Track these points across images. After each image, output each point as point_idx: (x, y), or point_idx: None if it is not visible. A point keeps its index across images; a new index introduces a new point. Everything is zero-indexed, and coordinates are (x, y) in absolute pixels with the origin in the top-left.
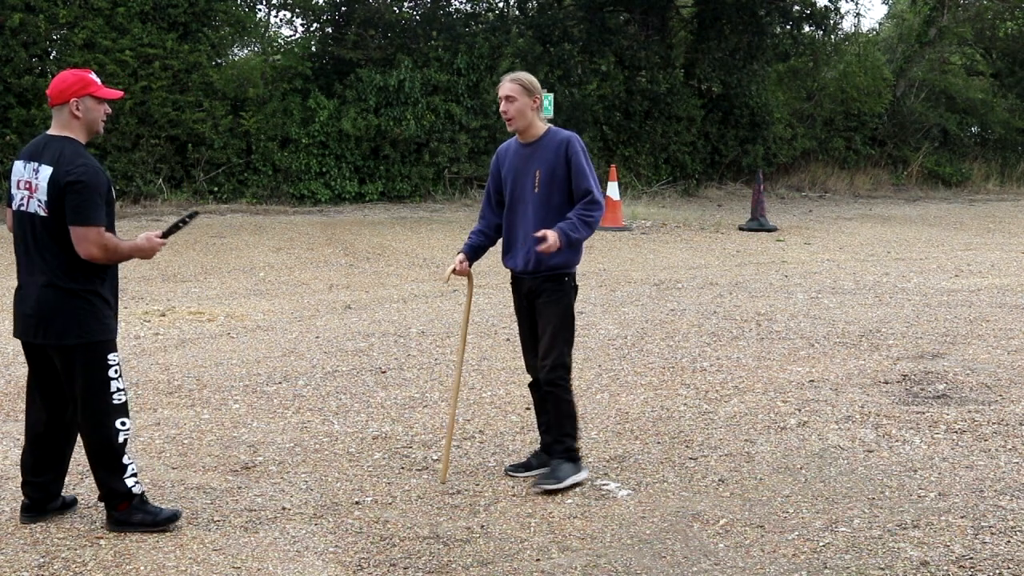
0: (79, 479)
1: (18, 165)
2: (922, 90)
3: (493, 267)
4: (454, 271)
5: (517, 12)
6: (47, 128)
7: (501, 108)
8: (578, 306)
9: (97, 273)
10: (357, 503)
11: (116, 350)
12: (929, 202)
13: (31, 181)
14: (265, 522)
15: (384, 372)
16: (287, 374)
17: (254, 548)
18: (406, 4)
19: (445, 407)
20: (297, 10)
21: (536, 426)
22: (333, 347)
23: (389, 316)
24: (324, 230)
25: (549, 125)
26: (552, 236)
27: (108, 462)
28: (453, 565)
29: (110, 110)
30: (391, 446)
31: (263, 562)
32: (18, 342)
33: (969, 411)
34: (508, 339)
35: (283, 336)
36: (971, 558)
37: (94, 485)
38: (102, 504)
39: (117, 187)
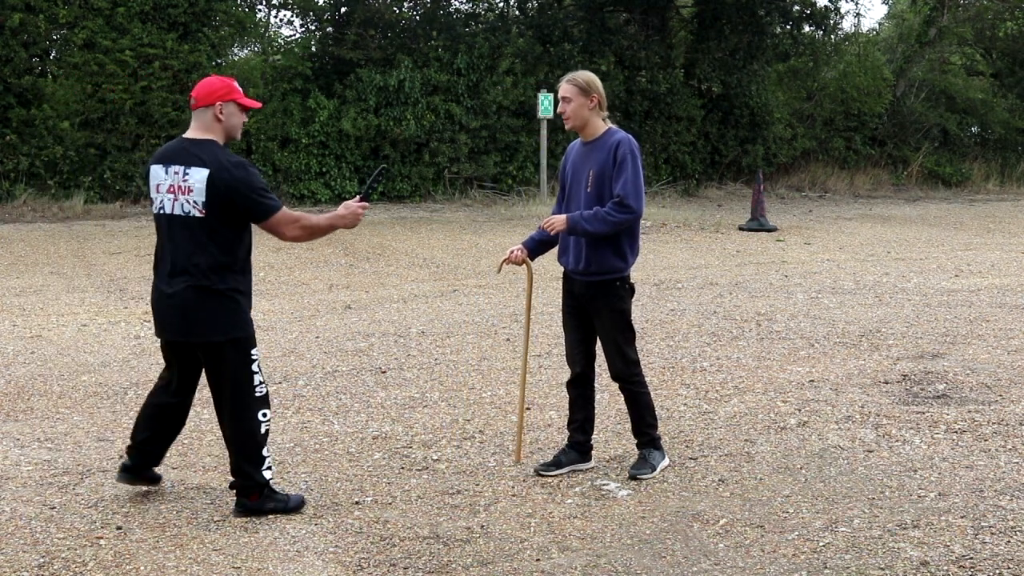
0: (78, 479)
1: (156, 169)
2: (922, 90)
3: (493, 267)
4: (506, 261)
5: (517, 12)
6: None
7: (559, 109)
8: None
9: (241, 271)
10: (357, 503)
11: (256, 344)
12: (929, 202)
13: (179, 184)
14: (265, 522)
15: (384, 372)
16: (287, 374)
17: (254, 548)
18: (406, 4)
19: (445, 407)
20: (297, 10)
21: (567, 423)
22: (333, 347)
23: (389, 316)
24: None
25: (610, 125)
26: (557, 218)
27: (251, 453)
28: (453, 565)
29: (247, 119)
30: (391, 446)
31: (263, 562)
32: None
33: (969, 411)
34: (508, 339)
35: (283, 336)
36: (971, 558)
37: (93, 484)
38: (231, 492)
39: (117, 187)
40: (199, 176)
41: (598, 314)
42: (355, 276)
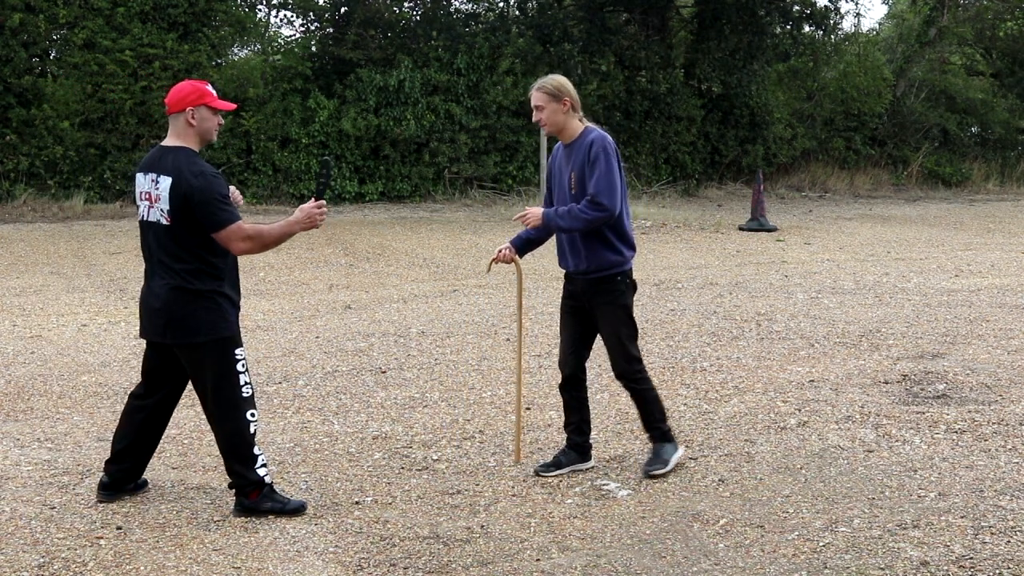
0: (78, 479)
1: (139, 178)
2: (922, 90)
3: (494, 268)
4: (495, 260)
5: (517, 12)
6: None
7: (533, 118)
8: None
9: (219, 275)
10: (357, 503)
11: (242, 345)
12: (929, 202)
13: (151, 192)
14: (265, 522)
15: (384, 372)
16: (287, 374)
17: (254, 548)
18: (406, 4)
19: (445, 407)
20: (297, 10)
21: (564, 425)
22: (333, 347)
23: (389, 316)
24: (324, 230)
25: (586, 125)
26: (534, 211)
27: (241, 452)
28: (453, 565)
29: (223, 121)
30: (391, 446)
31: (263, 562)
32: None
33: (969, 411)
34: (508, 339)
35: (283, 336)
36: (971, 558)
37: (93, 485)
38: (232, 491)
39: (117, 187)
40: (165, 185)
41: (600, 311)
42: (355, 276)
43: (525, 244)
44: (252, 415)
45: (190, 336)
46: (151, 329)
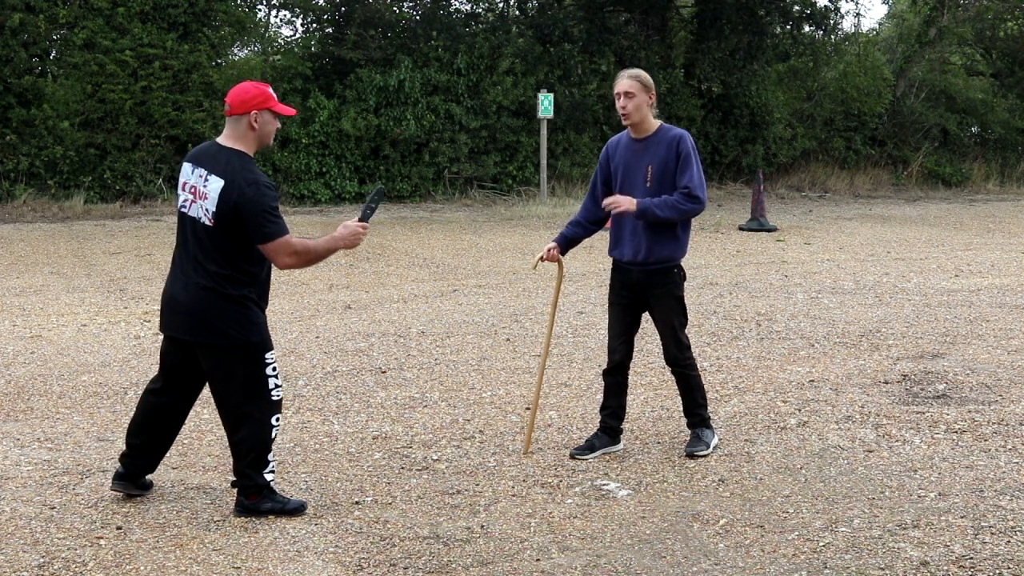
0: (78, 479)
1: (186, 168)
2: (922, 90)
3: (493, 267)
4: (542, 258)
5: (517, 12)
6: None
7: (619, 104)
8: (576, 306)
9: (251, 281)
10: (357, 503)
11: (272, 348)
12: (929, 202)
13: (197, 187)
14: (265, 522)
15: (384, 372)
16: (287, 374)
17: (254, 548)
18: (406, 4)
19: (445, 407)
20: (297, 10)
21: (600, 409)
22: (333, 347)
23: (389, 316)
24: (324, 230)
25: (661, 122)
26: (625, 199)
27: (256, 456)
28: (453, 565)
29: (280, 126)
30: (391, 446)
31: (263, 562)
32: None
33: (969, 411)
34: (508, 339)
35: (283, 336)
36: (971, 558)
37: (93, 485)
38: (235, 489)
39: (117, 187)
40: (215, 186)
41: (658, 301)
42: (355, 276)
43: (568, 243)
44: (277, 419)
45: (220, 338)
46: (173, 326)
